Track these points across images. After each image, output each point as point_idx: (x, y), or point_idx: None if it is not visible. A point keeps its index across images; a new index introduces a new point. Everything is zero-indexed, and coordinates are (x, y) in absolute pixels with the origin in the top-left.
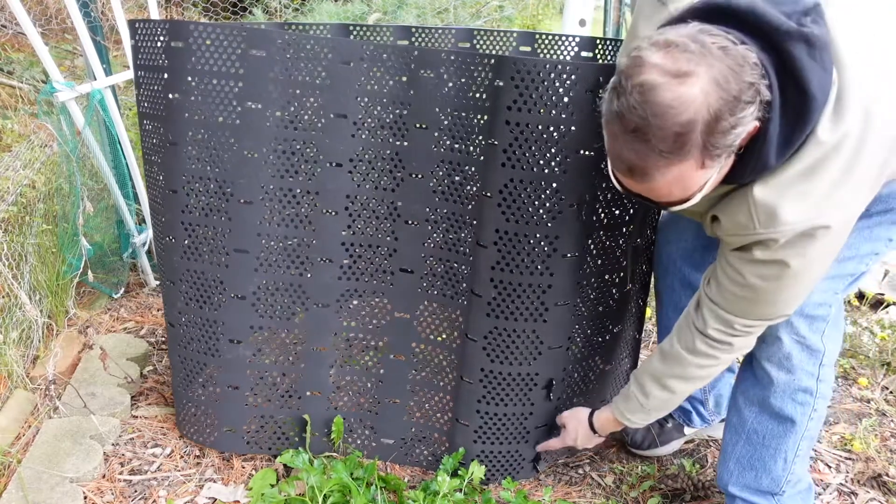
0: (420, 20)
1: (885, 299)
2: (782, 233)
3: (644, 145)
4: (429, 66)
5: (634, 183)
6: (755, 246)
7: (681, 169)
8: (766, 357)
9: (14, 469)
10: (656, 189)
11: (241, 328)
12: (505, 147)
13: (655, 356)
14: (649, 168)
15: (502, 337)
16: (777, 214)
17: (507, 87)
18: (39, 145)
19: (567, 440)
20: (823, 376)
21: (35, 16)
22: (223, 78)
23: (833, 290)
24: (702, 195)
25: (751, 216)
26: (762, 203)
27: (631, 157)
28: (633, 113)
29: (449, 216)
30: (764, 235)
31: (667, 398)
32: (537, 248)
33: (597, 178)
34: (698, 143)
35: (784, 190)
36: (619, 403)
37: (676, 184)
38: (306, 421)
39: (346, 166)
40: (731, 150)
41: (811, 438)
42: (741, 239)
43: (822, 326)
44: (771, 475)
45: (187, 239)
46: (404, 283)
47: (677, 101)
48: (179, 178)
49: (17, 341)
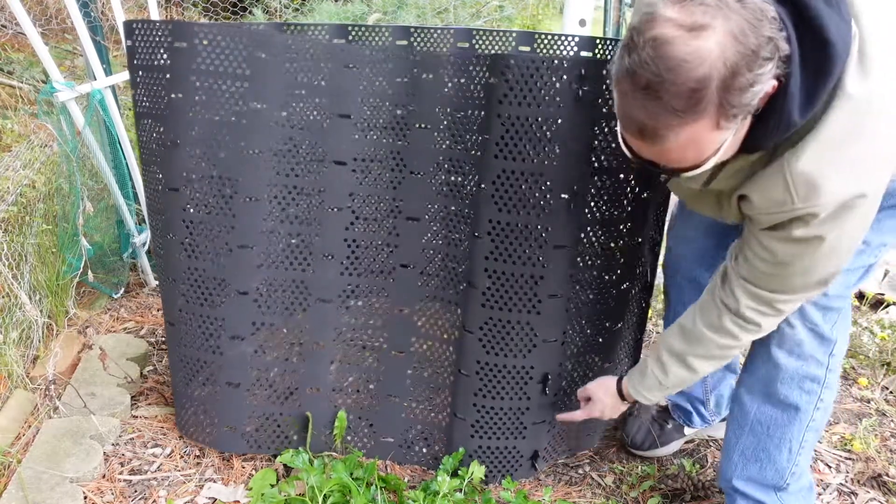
0: (420, 20)
1: (885, 299)
2: (823, 206)
3: (656, 103)
4: (429, 69)
5: (645, 146)
6: (792, 223)
7: (695, 129)
8: (777, 343)
9: (14, 469)
10: (668, 152)
11: (243, 324)
12: (497, 140)
13: (673, 334)
14: (661, 128)
15: (497, 328)
16: (818, 186)
17: (499, 83)
18: (39, 145)
19: (594, 411)
20: (832, 366)
21: (35, 16)
22: (229, 78)
23: (846, 283)
24: (716, 160)
25: (788, 190)
26: (801, 174)
27: (642, 117)
28: (645, 68)
29: (448, 213)
30: (803, 210)
31: (687, 376)
32: (529, 239)
33: (587, 170)
34: (714, 100)
35: (822, 158)
36: (635, 380)
37: (690, 146)
38: (307, 419)
39: (349, 165)
40: (748, 111)
41: (816, 431)
42: (776, 217)
43: (834, 317)
44: (776, 466)
45: (188, 236)
46: (404, 279)
47: (692, 55)
48: (181, 176)
49: (17, 341)
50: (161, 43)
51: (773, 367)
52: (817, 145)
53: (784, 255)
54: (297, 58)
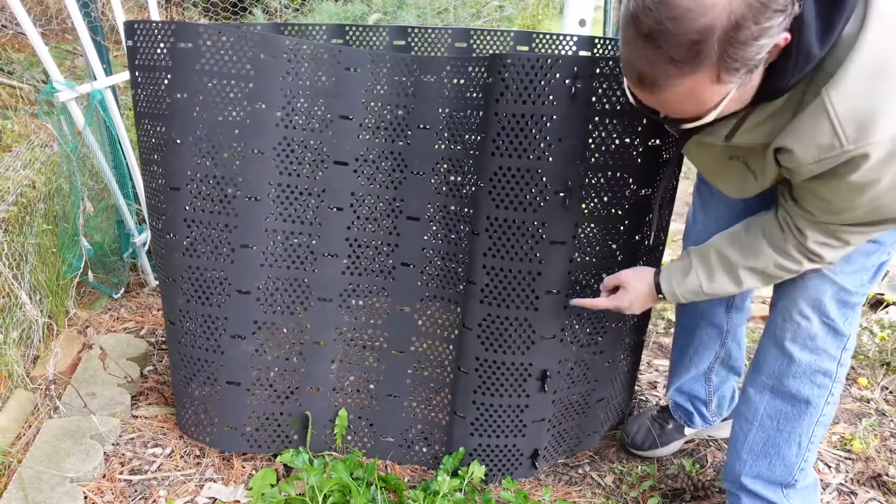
0: (420, 20)
1: (885, 299)
2: (876, 144)
3: (656, 52)
4: (430, 71)
5: (645, 94)
6: (841, 168)
7: (694, 81)
8: (790, 338)
9: (14, 469)
10: (667, 102)
11: (244, 323)
12: (493, 137)
13: (726, 243)
14: (660, 77)
15: (495, 325)
16: (869, 122)
17: (495, 81)
18: (39, 145)
19: (623, 301)
20: (844, 360)
21: (35, 16)
22: (233, 79)
23: (861, 280)
24: (718, 112)
25: (835, 132)
26: (849, 112)
27: (641, 65)
28: (647, 15)
29: (448, 212)
30: (854, 152)
31: (731, 289)
32: (526, 235)
33: (581, 166)
34: (714, 53)
35: (867, 87)
36: (676, 277)
37: (689, 97)
38: (307, 418)
39: (351, 165)
40: (752, 65)
41: (825, 425)
42: (823, 164)
43: (849, 313)
44: (785, 462)
45: (189, 236)
46: (405, 278)
47: (697, 3)
48: (183, 175)
49: (18, 341)
50: (164, 43)
51: (786, 361)
52: (858, 74)
53: (838, 201)
54: (300, 59)
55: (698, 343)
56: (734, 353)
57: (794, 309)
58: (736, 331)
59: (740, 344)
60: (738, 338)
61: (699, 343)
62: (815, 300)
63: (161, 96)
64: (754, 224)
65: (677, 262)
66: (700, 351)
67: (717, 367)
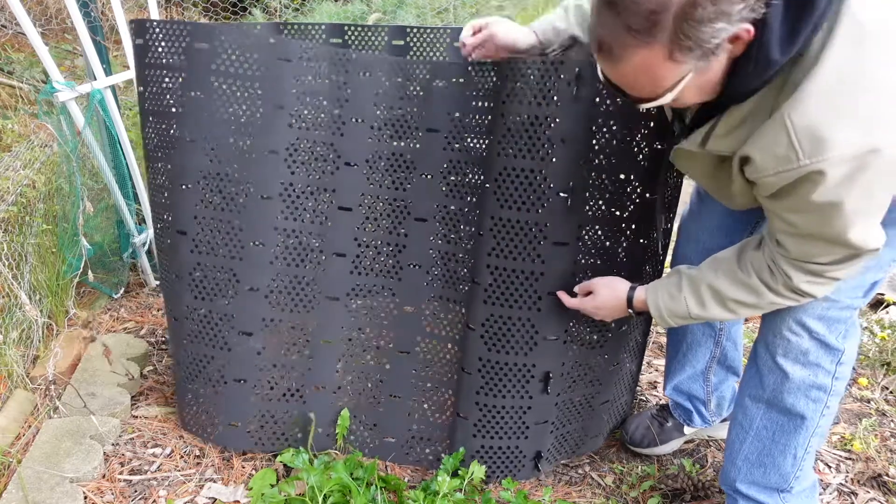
0: (420, 20)
1: (885, 299)
2: (831, 161)
3: (615, 19)
4: (440, 75)
5: (606, 65)
6: (800, 185)
7: (648, 55)
8: (781, 353)
9: (14, 469)
10: (624, 76)
11: (252, 320)
12: (499, 139)
13: (722, 276)
14: (616, 46)
15: (498, 325)
16: (825, 137)
17: (503, 85)
18: (39, 145)
19: (588, 306)
20: (840, 374)
21: (35, 16)
22: (247, 80)
23: (852, 296)
24: (674, 95)
25: (791, 145)
26: (806, 127)
27: (600, 32)
28: None
29: (455, 213)
30: (810, 167)
31: (724, 317)
32: (529, 235)
33: (584, 168)
34: (668, 27)
35: (827, 102)
36: (663, 301)
37: (643, 72)
38: (309, 417)
39: (360, 167)
40: (707, 48)
41: (821, 435)
42: (781, 178)
43: (841, 328)
44: (780, 471)
45: (198, 233)
46: (411, 278)
47: None
48: (194, 173)
49: (18, 341)
50: (180, 43)
51: (779, 376)
52: (818, 89)
53: (805, 225)
54: (314, 63)
55: (691, 339)
56: (731, 353)
57: (783, 325)
58: (730, 330)
59: (737, 344)
60: (733, 337)
61: (692, 339)
62: (803, 316)
63: (173, 95)
64: (744, 258)
65: (665, 281)
66: (693, 347)
67: (714, 367)
